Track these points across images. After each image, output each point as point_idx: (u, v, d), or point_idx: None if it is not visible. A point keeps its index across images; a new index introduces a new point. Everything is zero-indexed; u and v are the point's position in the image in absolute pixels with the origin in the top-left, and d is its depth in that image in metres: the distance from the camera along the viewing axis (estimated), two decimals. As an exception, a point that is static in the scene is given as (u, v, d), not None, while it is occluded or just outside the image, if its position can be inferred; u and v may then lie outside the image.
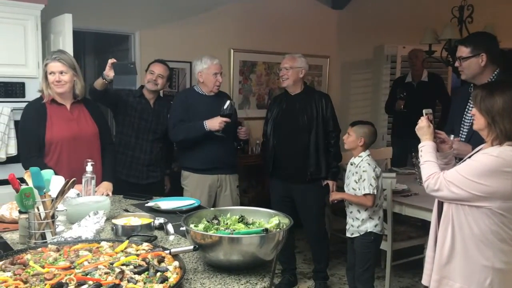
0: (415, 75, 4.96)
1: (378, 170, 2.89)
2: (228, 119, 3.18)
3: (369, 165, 2.85)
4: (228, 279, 1.59)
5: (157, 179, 3.51)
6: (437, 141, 2.16)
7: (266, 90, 5.41)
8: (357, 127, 2.93)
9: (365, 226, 2.91)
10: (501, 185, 1.85)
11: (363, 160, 2.89)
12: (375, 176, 2.84)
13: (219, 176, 3.39)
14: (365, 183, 2.83)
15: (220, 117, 3.18)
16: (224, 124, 3.18)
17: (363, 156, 2.91)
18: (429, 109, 2.17)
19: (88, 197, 2.39)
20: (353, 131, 2.93)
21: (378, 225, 2.93)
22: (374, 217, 2.92)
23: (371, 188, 2.81)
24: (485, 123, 1.93)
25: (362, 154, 2.91)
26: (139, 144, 3.40)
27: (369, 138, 2.92)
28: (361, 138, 2.89)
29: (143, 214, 2.10)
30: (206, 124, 3.21)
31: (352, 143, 2.92)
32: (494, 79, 2.52)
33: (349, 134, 2.94)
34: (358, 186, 2.88)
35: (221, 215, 1.87)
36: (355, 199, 2.89)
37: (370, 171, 2.83)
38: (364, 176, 2.84)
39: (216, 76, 3.34)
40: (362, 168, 2.86)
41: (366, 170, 2.84)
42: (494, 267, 1.92)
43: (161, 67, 3.43)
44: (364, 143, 2.90)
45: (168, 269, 1.47)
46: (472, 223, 1.92)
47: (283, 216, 1.83)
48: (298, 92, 3.43)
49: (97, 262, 1.50)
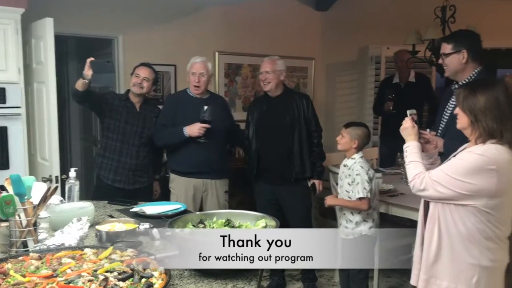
0: (402, 76, 4.98)
1: (371, 173, 2.88)
2: (208, 125, 3.13)
3: (362, 168, 2.84)
4: (215, 283, 1.57)
5: (144, 184, 3.45)
6: (422, 141, 2.16)
7: (252, 93, 5.39)
8: (351, 129, 2.92)
9: (359, 229, 2.89)
10: (486, 183, 1.86)
11: (356, 163, 2.88)
12: (368, 179, 2.83)
13: (204, 180, 3.35)
14: (359, 186, 2.81)
15: (199, 123, 3.14)
16: (204, 130, 3.14)
17: (356, 158, 2.89)
18: (413, 109, 2.18)
19: (71, 203, 2.36)
20: (347, 132, 2.91)
21: (373, 228, 2.92)
22: (368, 219, 2.91)
23: (365, 192, 2.79)
24: (468, 121, 1.94)
25: (355, 156, 2.90)
26: (125, 148, 3.35)
27: (363, 140, 2.91)
28: (355, 140, 2.88)
29: (128, 220, 2.08)
30: (186, 130, 3.19)
31: (345, 145, 2.91)
32: (475, 76, 2.55)
33: (342, 136, 2.92)
34: (351, 189, 2.87)
35: (207, 219, 1.86)
36: (351, 204, 2.87)
37: (363, 174, 2.82)
38: (357, 179, 2.83)
39: (194, 76, 3.30)
40: (355, 171, 2.85)
41: (360, 174, 2.83)
42: (480, 265, 1.92)
43: (146, 70, 3.39)
44: (358, 145, 2.89)
45: (153, 275, 1.45)
46: (459, 221, 1.93)
47: (269, 218, 1.82)
48: (279, 94, 3.43)
49: (80, 270, 1.47)
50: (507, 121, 1.89)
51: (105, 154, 3.36)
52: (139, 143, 3.37)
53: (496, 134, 1.88)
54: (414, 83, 4.94)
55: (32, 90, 3.63)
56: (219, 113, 3.35)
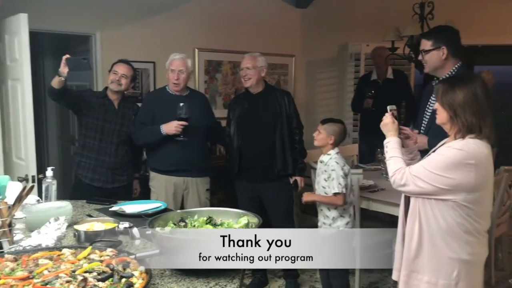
0: (380, 72, 5.02)
1: (346, 168, 2.89)
2: (185, 122, 3.10)
3: (337, 164, 2.85)
4: (197, 282, 1.55)
5: (123, 183, 3.40)
6: (402, 137, 2.17)
7: (233, 90, 5.36)
8: (327, 125, 2.93)
9: (336, 224, 2.91)
10: (465, 178, 1.87)
11: (332, 159, 2.89)
12: (343, 175, 2.84)
13: (185, 178, 3.32)
14: (334, 182, 2.83)
15: (176, 121, 3.10)
16: (181, 128, 3.10)
17: (331, 154, 2.91)
18: (393, 105, 2.19)
19: (48, 203, 2.30)
20: (323, 128, 2.92)
21: (350, 223, 2.93)
22: (344, 215, 2.93)
23: (340, 187, 2.81)
24: (447, 117, 1.96)
25: (331, 152, 2.91)
26: (103, 147, 3.29)
27: (339, 136, 2.93)
28: (331, 136, 2.89)
29: (107, 219, 2.04)
30: (163, 128, 3.15)
31: (322, 141, 2.92)
32: (455, 72, 2.57)
33: (319, 132, 2.94)
34: (327, 185, 2.88)
35: (188, 217, 1.83)
36: (326, 199, 2.89)
37: (339, 170, 2.84)
38: (332, 175, 2.84)
39: (172, 73, 3.26)
40: (330, 167, 2.86)
41: (335, 169, 2.84)
42: (460, 259, 1.94)
43: (124, 67, 3.34)
44: (334, 141, 2.90)
45: (133, 274, 1.42)
46: (439, 216, 1.94)
47: (252, 215, 1.80)
48: (260, 91, 3.41)
49: (58, 271, 1.43)
50: (485, 116, 1.92)
51: (83, 152, 3.30)
52: (118, 141, 3.32)
53: (475, 129, 1.90)
54: (392, 80, 4.99)
55: (7, 88, 3.54)
56: (199, 110, 3.31)
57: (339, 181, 2.81)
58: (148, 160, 3.48)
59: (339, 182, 2.81)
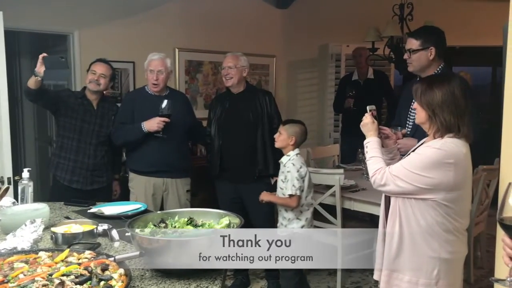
0: (361, 73, 5.07)
1: (303, 170, 2.88)
2: (167, 119, 3.07)
3: (294, 165, 2.85)
4: (178, 284, 1.53)
5: (103, 184, 3.35)
6: (382, 136, 2.18)
7: (214, 90, 5.34)
8: (288, 126, 2.94)
9: (292, 226, 2.92)
10: (444, 177, 1.89)
11: (290, 160, 2.90)
12: (298, 177, 2.84)
13: (164, 179, 3.28)
14: (289, 184, 2.84)
15: (158, 117, 3.07)
16: (163, 124, 3.06)
17: (290, 156, 2.91)
18: (373, 105, 2.19)
19: (24, 205, 2.24)
20: (284, 129, 2.93)
21: (305, 226, 2.93)
22: (301, 217, 2.93)
23: (294, 189, 2.81)
24: (426, 116, 1.97)
25: (290, 153, 2.92)
26: (82, 148, 3.23)
27: (300, 137, 2.94)
28: (292, 137, 2.90)
29: (85, 221, 2.01)
30: (144, 125, 3.11)
31: (283, 142, 2.92)
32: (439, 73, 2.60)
33: (280, 133, 2.94)
34: (284, 186, 2.89)
35: (169, 218, 1.81)
36: (280, 200, 2.89)
37: (294, 172, 2.84)
38: (288, 176, 2.85)
39: (152, 73, 3.21)
40: (287, 168, 2.87)
41: (290, 171, 2.85)
42: (440, 257, 1.96)
43: (103, 67, 3.28)
44: (295, 142, 2.91)
45: (112, 277, 1.39)
46: (419, 215, 1.96)
47: (233, 216, 1.79)
48: (241, 91, 3.40)
49: (34, 274, 1.40)
50: (463, 115, 1.94)
51: (61, 154, 3.23)
52: (97, 142, 3.26)
53: (453, 128, 1.92)
54: (373, 80, 5.03)
55: (-19, 88, 3.44)
56: (180, 110, 3.28)
57: (293, 183, 2.82)
58: (127, 161, 3.44)
59: (293, 184, 2.82)
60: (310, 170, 3.56)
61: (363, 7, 5.58)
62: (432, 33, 2.69)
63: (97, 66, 3.28)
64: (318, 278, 3.81)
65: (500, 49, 1.92)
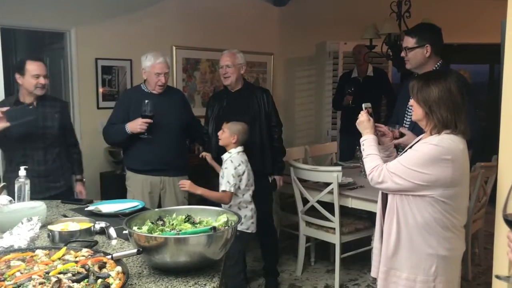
0: (361, 70, 5.06)
1: (240, 169, 2.91)
2: (150, 120, 3.03)
3: (232, 163, 2.89)
4: (175, 281, 1.53)
5: (61, 189, 3.05)
6: (378, 134, 2.18)
7: (211, 88, 5.33)
8: (231, 124, 2.98)
9: None
10: (442, 173, 1.89)
11: (229, 157, 2.93)
12: (235, 174, 2.87)
13: (162, 178, 3.26)
14: (224, 180, 2.87)
15: (140, 119, 3.04)
16: (146, 125, 3.03)
17: (231, 153, 2.94)
18: (368, 103, 2.19)
19: (21, 203, 2.24)
20: (227, 128, 2.96)
21: (244, 224, 2.95)
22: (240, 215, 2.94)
23: (228, 186, 2.84)
24: (423, 113, 1.97)
25: (232, 151, 2.95)
26: (30, 155, 2.94)
27: (242, 135, 2.97)
28: (234, 135, 2.93)
29: (82, 219, 2.00)
30: (128, 127, 3.09)
31: (226, 140, 2.95)
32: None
33: (223, 131, 2.97)
34: (221, 182, 2.92)
35: (167, 216, 1.80)
36: (213, 195, 2.89)
37: (231, 169, 2.87)
38: (224, 173, 2.88)
39: (159, 76, 3.18)
40: (225, 165, 2.91)
41: (227, 167, 2.88)
42: (438, 254, 1.96)
43: (41, 66, 2.93)
44: (237, 140, 2.94)
45: (110, 275, 1.39)
46: (416, 212, 1.96)
47: (231, 213, 1.78)
48: (239, 88, 3.39)
49: (31, 272, 1.39)
50: (460, 111, 1.94)
51: (11, 168, 2.93)
52: (45, 145, 2.99)
53: (450, 124, 1.92)
54: (372, 77, 5.03)
55: (-23, 86, 3.42)
56: (176, 108, 3.27)
57: (229, 179, 2.85)
58: (124, 160, 3.42)
59: (228, 180, 2.85)
60: (307, 167, 3.59)
61: (361, 4, 5.57)
62: (427, 30, 2.69)
63: (35, 67, 2.91)
64: (316, 275, 3.81)
65: (498, 47, 1.92)
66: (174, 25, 4.94)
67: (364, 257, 3.67)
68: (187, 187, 2.83)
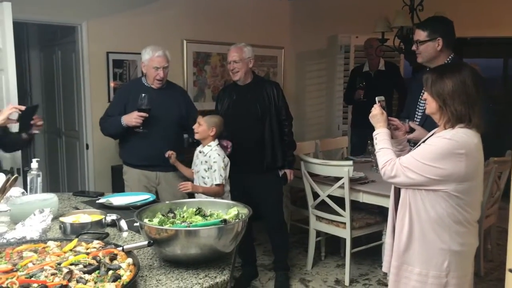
0: (372, 64, 5.02)
1: (226, 160, 2.95)
2: (146, 113, 3.00)
3: (219, 156, 2.89)
4: (186, 273, 1.53)
5: None
6: (391, 128, 2.16)
7: (222, 82, 5.31)
8: (208, 117, 2.98)
9: None
10: (455, 167, 1.86)
11: (213, 150, 2.92)
12: (224, 166, 2.90)
13: (157, 173, 3.25)
14: (216, 173, 2.86)
15: (136, 112, 3.01)
16: (141, 119, 3.01)
17: (212, 146, 2.93)
18: (382, 96, 2.17)
19: (34, 195, 2.25)
20: (204, 121, 2.95)
21: None
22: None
23: (221, 179, 2.86)
24: (436, 106, 1.94)
25: (212, 144, 2.94)
26: None
27: (219, 127, 2.97)
28: (212, 128, 2.92)
29: (93, 211, 2.01)
30: (123, 120, 3.07)
31: (203, 133, 2.94)
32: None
33: (199, 124, 2.96)
34: (208, 175, 2.91)
35: (177, 208, 1.80)
36: (211, 190, 2.89)
37: (220, 162, 2.87)
38: (214, 166, 2.88)
39: (157, 70, 3.14)
40: (212, 159, 2.90)
41: (216, 161, 2.88)
42: (450, 249, 1.94)
43: None
44: (215, 133, 2.94)
45: (121, 266, 1.39)
46: (429, 207, 1.93)
47: (242, 206, 1.78)
48: (248, 82, 3.36)
49: (43, 263, 1.40)
50: (474, 105, 1.90)
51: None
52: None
53: (464, 118, 1.89)
54: (384, 71, 4.99)
55: (-9, 78, 3.45)
56: (174, 103, 3.24)
57: (220, 172, 2.86)
58: (120, 154, 3.40)
59: (220, 173, 2.86)
60: (318, 162, 3.58)
61: (373, -3, 5.52)
62: (439, 23, 2.65)
63: None
64: (326, 270, 3.80)
65: (512, 40, 1.88)
66: (185, 18, 4.93)
67: (374, 252, 3.66)
68: (190, 188, 2.86)
